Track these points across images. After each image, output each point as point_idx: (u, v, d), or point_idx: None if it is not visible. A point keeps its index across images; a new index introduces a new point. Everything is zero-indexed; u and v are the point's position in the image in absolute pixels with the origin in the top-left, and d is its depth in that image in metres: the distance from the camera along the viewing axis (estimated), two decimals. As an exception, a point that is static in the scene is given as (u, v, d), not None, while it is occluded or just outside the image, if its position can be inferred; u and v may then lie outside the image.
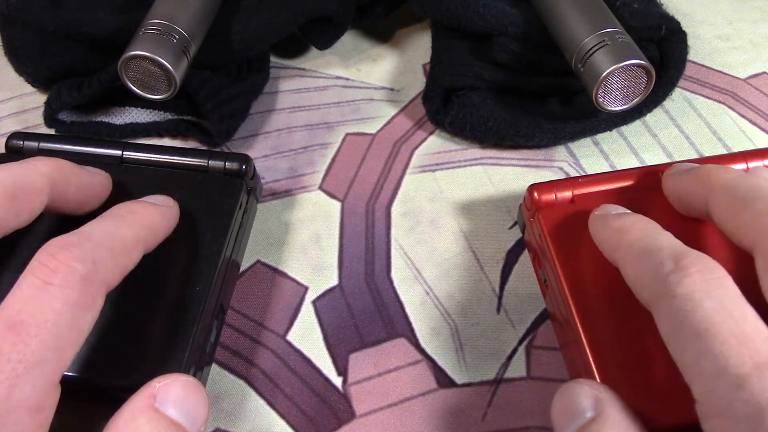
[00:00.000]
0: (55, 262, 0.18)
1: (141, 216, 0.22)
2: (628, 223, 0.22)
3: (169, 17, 0.27)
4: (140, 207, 0.23)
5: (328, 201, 0.30)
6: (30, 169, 0.22)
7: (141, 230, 0.22)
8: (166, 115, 0.33)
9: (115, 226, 0.21)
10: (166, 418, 0.18)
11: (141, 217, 0.22)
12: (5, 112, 0.34)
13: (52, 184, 0.22)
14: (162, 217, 0.23)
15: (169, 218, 0.24)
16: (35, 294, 0.18)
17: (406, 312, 0.27)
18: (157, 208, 0.24)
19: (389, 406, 0.25)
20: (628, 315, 0.22)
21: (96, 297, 0.19)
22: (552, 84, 0.32)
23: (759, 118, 0.33)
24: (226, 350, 0.26)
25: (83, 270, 0.18)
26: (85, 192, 0.24)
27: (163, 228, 0.23)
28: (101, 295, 0.19)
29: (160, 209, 0.24)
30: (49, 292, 0.18)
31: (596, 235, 0.23)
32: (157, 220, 0.23)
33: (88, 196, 0.24)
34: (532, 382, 0.25)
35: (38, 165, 0.22)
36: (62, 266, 0.18)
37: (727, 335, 0.17)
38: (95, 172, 0.25)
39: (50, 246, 0.19)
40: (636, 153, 0.32)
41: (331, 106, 0.34)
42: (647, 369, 0.21)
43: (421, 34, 0.38)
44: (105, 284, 0.19)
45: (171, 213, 0.24)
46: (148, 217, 0.23)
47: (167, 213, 0.24)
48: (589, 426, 0.18)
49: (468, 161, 0.32)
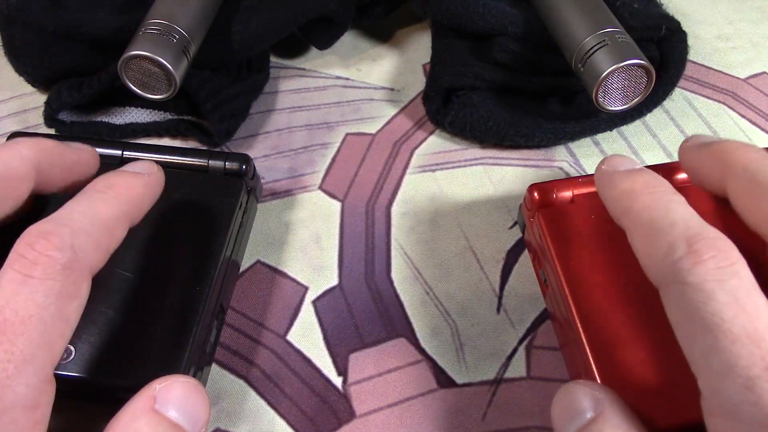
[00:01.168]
0: (34, 253, 0.18)
1: (122, 189, 0.21)
2: (638, 184, 0.21)
3: (169, 17, 0.27)
4: (120, 179, 0.22)
5: (328, 201, 0.30)
6: (12, 154, 0.21)
7: (123, 205, 0.21)
8: (166, 115, 0.33)
9: (94, 205, 0.20)
10: (167, 420, 0.18)
11: (122, 191, 0.21)
12: (5, 112, 0.34)
13: (36, 167, 0.21)
14: (145, 187, 0.22)
15: (153, 187, 0.23)
16: (16, 289, 0.17)
17: (406, 312, 0.27)
18: (139, 177, 0.22)
19: (389, 406, 0.25)
20: (628, 315, 0.22)
21: (80, 284, 0.18)
22: (552, 84, 0.32)
23: (759, 118, 0.33)
24: (226, 350, 0.26)
25: (63, 258, 0.18)
26: (71, 170, 0.23)
27: (148, 197, 0.22)
28: (86, 280, 0.19)
29: (142, 178, 0.22)
30: (30, 285, 0.17)
31: (603, 194, 0.22)
32: (140, 191, 0.22)
33: (75, 174, 0.23)
34: (532, 382, 0.25)
35: (20, 149, 0.21)
36: (41, 257, 0.18)
37: (738, 333, 0.16)
38: (81, 148, 0.24)
39: (27, 236, 0.18)
40: (636, 153, 0.32)
41: (331, 106, 0.34)
42: (647, 369, 0.21)
43: (421, 34, 0.38)
44: (88, 269, 0.19)
45: (154, 180, 0.23)
46: (129, 190, 0.21)
47: (150, 181, 0.23)
48: (589, 426, 0.18)
49: (468, 161, 0.32)
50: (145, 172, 0.23)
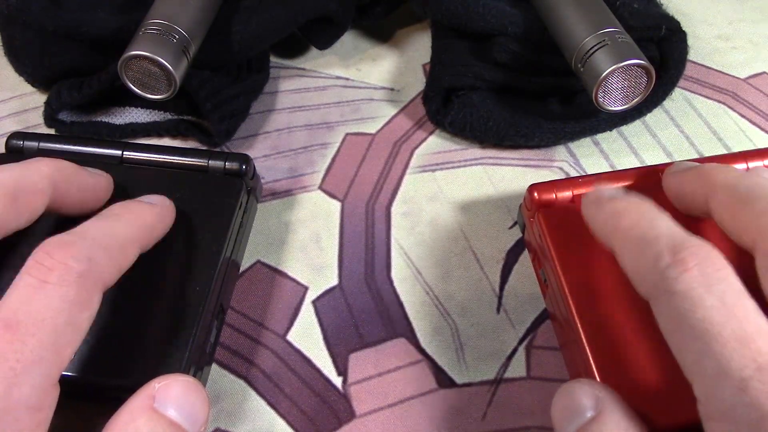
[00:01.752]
0: (52, 261, 0.18)
1: (137, 215, 0.22)
2: (622, 206, 0.21)
3: (169, 17, 0.27)
4: (136, 206, 0.23)
5: (328, 201, 0.30)
6: (31, 169, 0.22)
7: (137, 229, 0.22)
8: (166, 115, 0.33)
9: (110, 225, 0.21)
10: (166, 419, 0.18)
11: (137, 217, 0.22)
12: (5, 112, 0.34)
13: (53, 185, 0.22)
14: (158, 217, 0.23)
15: (165, 218, 0.24)
16: (32, 293, 0.18)
17: (406, 312, 0.27)
18: (153, 207, 0.23)
19: (389, 406, 0.25)
20: (628, 315, 0.22)
21: (93, 295, 0.19)
22: (552, 84, 0.32)
23: (759, 118, 0.33)
24: (226, 350, 0.26)
25: (80, 268, 0.18)
26: (86, 193, 0.24)
27: (159, 227, 0.23)
28: (98, 293, 0.19)
29: (155, 208, 0.23)
30: (45, 290, 0.18)
31: (590, 220, 0.23)
32: (153, 220, 0.23)
33: (89, 197, 0.24)
34: (532, 382, 0.25)
35: (39, 166, 0.22)
36: (59, 264, 0.18)
37: (728, 336, 0.16)
38: (96, 173, 0.25)
39: (46, 245, 0.19)
40: (636, 153, 0.32)
41: (331, 106, 0.34)
42: (647, 369, 0.21)
43: (421, 34, 0.38)
44: (102, 282, 0.19)
45: (167, 212, 0.24)
46: (143, 217, 0.23)
47: (163, 212, 0.24)
48: (590, 425, 0.18)
49: (468, 161, 0.32)
50: (158, 204, 0.24)
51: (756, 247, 0.19)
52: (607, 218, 0.21)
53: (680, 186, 0.24)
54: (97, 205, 0.25)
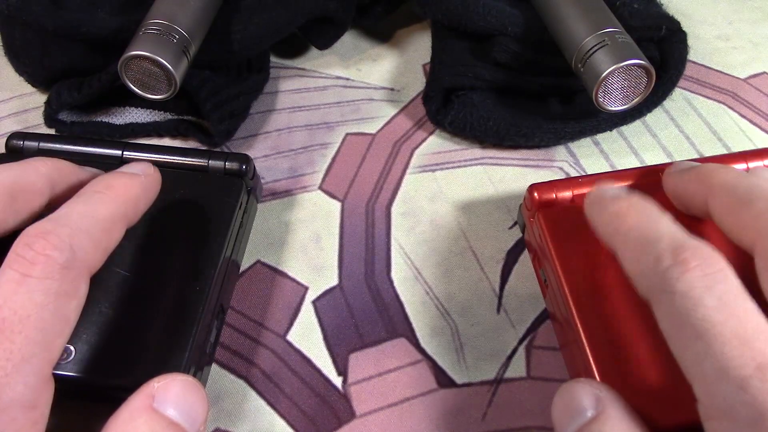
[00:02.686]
0: (32, 253, 0.18)
1: (119, 190, 0.21)
2: (624, 206, 0.21)
3: (169, 17, 0.27)
4: (118, 180, 0.22)
5: (328, 201, 0.30)
6: (29, 169, 0.22)
7: (120, 206, 0.21)
8: (166, 115, 0.33)
9: (92, 206, 0.20)
10: (165, 418, 0.18)
11: (119, 192, 0.21)
12: (5, 112, 0.34)
13: (51, 184, 0.22)
14: (142, 187, 0.22)
15: (150, 188, 0.23)
16: (15, 288, 0.17)
17: (406, 312, 0.27)
18: (136, 178, 0.22)
19: (389, 406, 0.25)
20: (628, 315, 0.22)
21: (78, 283, 0.18)
22: (552, 84, 0.32)
23: (759, 118, 0.33)
24: (226, 350, 0.26)
25: (62, 258, 0.18)
26: None
27: (145, 199, 0.23)
28: (84, 280, 0.19)
29: (139, 179, 0.22)
30: (28, 284, 0.17)
31: (592, 220, 0.23)
32: (137, 192, 0.22)
33: None
34: (532, 382, 0.25)
35: (38, 165, 0.22)
36: (40, 256, 0.18)
37: (728, 336, 0.16)
38: (95, 172, 0.25)
39: (26, 236, 0.18)
40: (636, 153, 0.32)
41: (331, 106, 0.34)
42: (647, 369, 0.21)
43: (421, 34, 0.38)
44: (87, 269, 0.19)
45: (151, 182, 0.23)
46: (127, 191, 0.22)
47: (147, 182, 0.23)
48: (590, 425, 0.18)
49: (468, 161, 0.32)
50: (142, 173, 0.23)
51: (755, 247, 0.19)
52: (609, 219, 0.21)
53: (680, 186, 0.24)
54: None
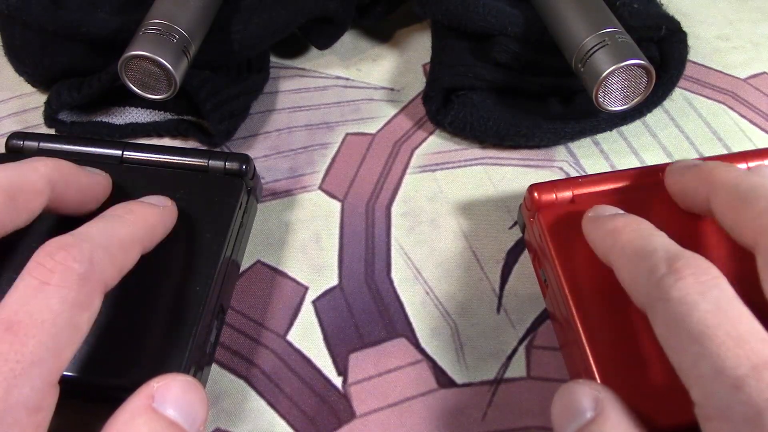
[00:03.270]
0: (53, 262, 0.18)
1: (139, 216, 0.22)
2: (620, 224, 0.22)
3: (169, 17, 0.27)
4: (138, 207, 0.23)
5: (328, 201, 0.30)
6: (29, 169, 0.22)
7: (139, 230, 0.22)
8: (166, 115, 0.33)
9: (112, 226, 0.21)
10: (165, 419, 0.18)
11: (139, 218, 0.22)
12: (5, 112, 0.34)
13: (51, 184, 0.22)
14: (160, 218, 0.23)
15: (167, 219, 0.24)
16: (33, 294, 0.18)
17: (406, 312, 0.27)
18: (155, 208, 0.23)
19: (389, 406, 0.25)
20: (628, 315, 0.22)
21: (94, 297, 0.19)
22: (552, 84, 0.32)
23: (759, 118, 0.33)
24: (226, 350, 0.26)
25: (81, 269, 0.18)
26: (84, 193, 0.24)
27: (161, 228, 0.23)
28: (99, 294, 0.19)
29: (157, 209, 0.24)
30: (46, 292, 0.18)
31: (589, 237, 0.23)
32: (155, 221, 0.23)
33: (88, 197, 0.24)
34: (532, 382, 0.25)
35: (38, 165, 0.22)
36: (59, 266, 0.18)
37: (723, 337, 0.17)
38: (95, 172, 0.25)
39: (48, 246, 0.19)
40: (636, 153, 0.32)
41: (331, 106, 0.34)
42: (647, 369, 0.21)
43: (421, 34, 0.38)
44: (103, 284, 0.19)
45: (169, 213, 0.24)
46: (145, 218, 0.23)
47: (165, 213, 0.24)
48: (589, 426, 0.18)
49: (468, 161, 0.32)
50: (160, 205, 0.24)
51: (757, 245, 0.19)
52: (606, 235, 0.22)
53: (682, 184, 0.24)
54: (96, 205, 0.25)
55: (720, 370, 0.16)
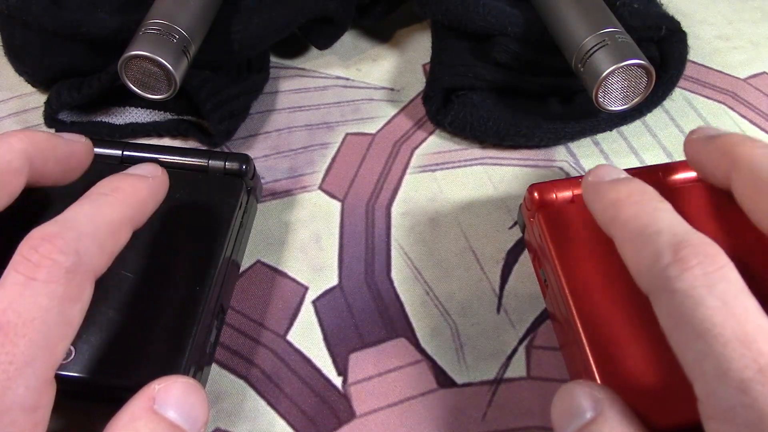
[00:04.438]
0: (38, 256, 0.18)
1: (126, 192, 0.21)
2: (623, 193, 0.21)
3: (169, 17, 0.27)
4: (125, 182, 0.22)
5: (328, 201, 0.30)
6: (5, 148, 0.20)
7: (127, 208, 0.21)
8: (166, 115, 0.33)
9: (98, 209, 0.20)
10: (166, 421, 0.18)
11: (126, 194, 0.21)
12: (5, 112, 0.34)
13: (29, 161, 0.21)
14: (150, 191, 0.22)
15: (158, 190, 0.23)
16: (20, 291, 0.17)
17: (406, 312, 0.27)
18: (144, 180, 0.22)
19: (389, 406, 0.25)
20: (628, 315, 0.22)
21: (83, 287, 0.18)
22: (552, 84, 0.32)
23: (759, 118, 0.33)
24: (226, 350, 0.26)
25: (67, 262, 0.18)
26: (65, 163, 0.22)
27: (152, 202, 0.22)
28: (89, 284, 0.19)
29: (146, 181, 0.22)
30: (33, 288, 0.17)
31: (590, 206, 0.22)
32: (145, 194, 0.22)
33: (70, 166, 0.23)
34: (532, 382, 0.25)
35: (12, 142, 0.21)
36: (45, 260, 0.18)
37: (729, 337, 0.16)
38: (74, 139, 0.23)
39: (32, 238, 0.18)
40: (636, 153, 0.32)
41: (331, 106, 0.34)
42: (647, 369, 0.21)
43: (421, 34, 0.38)
44: (92, 273, 0.19)
45: (159, 184, 0.23)
46: (134, 193, 0.21)
47: (155, 185, 0.22)
48: (589, 426, 0.18)
49: (468, 161, 0.32)
50: (149, 175, 0.23)
51: None
52: (607, 206, 0.21)
53: (702, 155, 0.23)
54: (80, 173, 0.23)
55: (725, 371, 0.16)
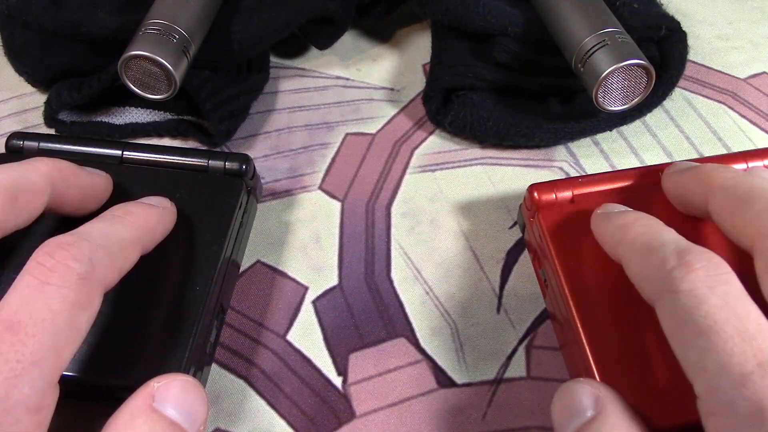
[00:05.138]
0: (53, 262, 0.18)
1: (138, 217, 0.22)
2: (630, 219, 0.22)
3: (169, 17, 0.27)
4: (137, 208, 0.23)
5: (328, 201, 0.30)
6: (30, 169, 0.22)
7: (138, 231, 0.22)
8: (166, 115, 0.33)
9: (112, 227, 0.21)
10: (165, 418, 0.18)
11: (138, 218, 0.22)
12: (5, 112, 0.34)
13: (52, 184, 0.22)
14: (159, 218, 0.23)
15: (167, 220, 0.24)
16: (32, 294, 0.18)
17: (406, 312, 0.27)
18: (154, 209, 0.23)
19: (389, 406, 0.25)
20: (628, 315, 0.22)
21: (93, 296, 0.19)
22: (552, 84, 0.32)
23: (759, 118, 0.33)
24: (226, 350, 0.26)
25: (81, 269, 0.18)
26: (85, 193, 0.24)
27: (161, 229, 0.23)
28: (99, 294, 0.19)
29: (157, 210, 0.24)
30: (46, 291, 0.18)
31: (598, 232, 0.23)
32: (155, 222, 0.23)
33: (88, 197, 0.24)
34: (532, 382, 0.25)
35: (38, 165, 0.22)
36: (59, 265, 0.18)
37: (730, 333, 0.17)
38: (95, 173, 0.25)
39: (47, 245, 0.19)
40: (636, 153, 0.32)
41: (331, 106, 0.34)
42: (647, 369, 0.21)
43: (421, 34, 0.38)
44: (102, 284, 0.19)
45: (168, 215, 0.24)
46: (145, 218, 0.23)
47: (164, 214, 0.24)
48: (590, 425, 0.18)
49: (468, 161, 0.32)
50: (159, 206, 0.24)
51: (755, 248, 0.19)
52: (615, 230, 0.22)
53: (679, 186, 0.24)
54: (97, 206, 0.25)
55: (725, 366, 0.16)
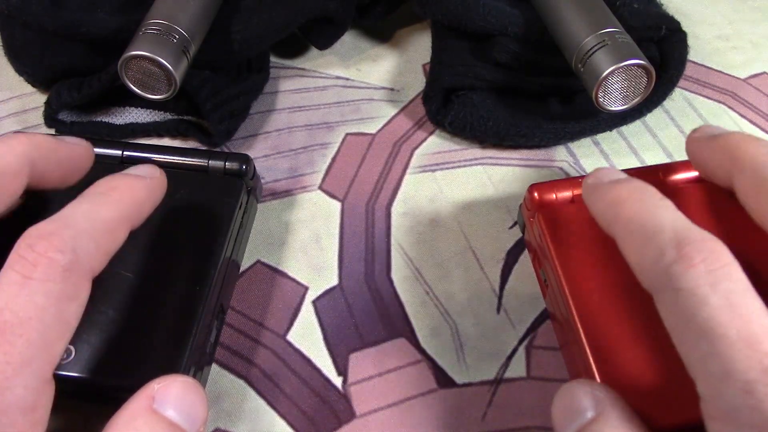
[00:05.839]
0: (34, 255, 0.17)
1: (124, 192, 0.21)
2: (624, 193, 0.21)
3: (169, 17, 0.27)
4: (123, 182, 0.21)
5: (328, 201, 0.30)
6: (5, 150, 0.20)
7: (125, 208, 0.21)
8: (166, 115, 0.33)
9: (96, 207, 0.20)
10: (165, 420, 0.18)
11: (124, 194, 0.21)
12: (5, 112, 0.34)
13: (30, 163, 0.21)
14: (147, 191, 0.22)
15: (156, 191, 0.23)
16: (16, 290, 0.17)
17: (406, 312, 0.27)
18: (142, 180, 0.22)
19: (389, 406, 0.25)
20: (628, 315, 0.22)
21: (80, 286, 0.18)
22: (552, 84, 0.32)
23: (759, 118, 0.33)
24: (226, 350, 0.26)
25: (64, 260, 0.18)
26: (65, 166, 0.22)
27: (150, 202, 0.22)
28: (86, 283, 0.18)
29: (144, 181, 0.22)
30: (30, 287, 0.17)
31: (590, 207, 0.22)
32: (142, 194, 0.22)
33: (70, 170, 0.23)
34: (532, 382, 0.25)
35: (13, 144, 0.20)
36: (42, 258, 0.17)
37: (734, 337, 0.16)
38: (75, 143, 0.23)
39: (28, 237, 0.18)
40: (636, 153, 0.32)
41: (331, 106, 0.34)
42: (647, 369, 0.21)
43: (421, 34, 0.38)
44: (89, 271, 0.19)
45: (157, 185, 0.23)
46: (132, 193, 0.21)
47: (153, 185, 0.22)
48: (590, 426, 0.18)
49: (468, 161, 0.32)
50: (147, 176, 0.23)
51: None
52: (608, 206, 0.21)
53: (704, 155, 0.23)
54: (80, 176, 0.23)
55: (730, 372, 0.16)
